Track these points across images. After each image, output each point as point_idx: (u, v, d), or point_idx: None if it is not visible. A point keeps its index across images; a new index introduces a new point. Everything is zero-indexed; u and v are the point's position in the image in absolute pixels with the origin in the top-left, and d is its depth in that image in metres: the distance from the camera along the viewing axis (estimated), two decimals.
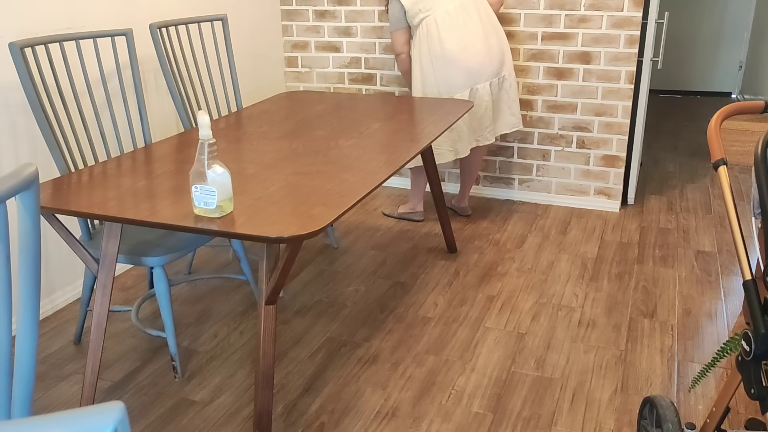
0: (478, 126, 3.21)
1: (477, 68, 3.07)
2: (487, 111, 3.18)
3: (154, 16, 3.01)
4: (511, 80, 3.23)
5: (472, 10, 3.07)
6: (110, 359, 2.37)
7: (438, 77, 3.09)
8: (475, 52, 3.06)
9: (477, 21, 3.07)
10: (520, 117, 3.34)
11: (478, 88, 3.12)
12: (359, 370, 2.28)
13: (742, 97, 6.41)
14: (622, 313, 2.62)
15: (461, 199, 3.60)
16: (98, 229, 2.29)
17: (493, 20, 3.14)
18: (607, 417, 2.04)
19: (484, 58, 3.07)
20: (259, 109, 2.80)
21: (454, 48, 3.03)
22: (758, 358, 1.39)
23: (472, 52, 3.05)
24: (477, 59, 3.06)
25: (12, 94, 2.40)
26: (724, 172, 1.52)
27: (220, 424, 2.02)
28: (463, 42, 3.04)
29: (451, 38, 3.03)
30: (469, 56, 3.05)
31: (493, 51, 3.10)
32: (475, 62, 3.06)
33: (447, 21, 3.03)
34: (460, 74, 3.07)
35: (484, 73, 3.10)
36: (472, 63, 3.06)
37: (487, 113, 3.18)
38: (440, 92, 3.12)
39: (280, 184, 1.88)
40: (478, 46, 3.06)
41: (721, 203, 3.77)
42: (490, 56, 3.09)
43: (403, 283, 2.88)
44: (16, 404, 0.96)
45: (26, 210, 0.89)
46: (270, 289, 1.76)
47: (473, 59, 3.06)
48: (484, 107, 3.16)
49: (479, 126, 3.21)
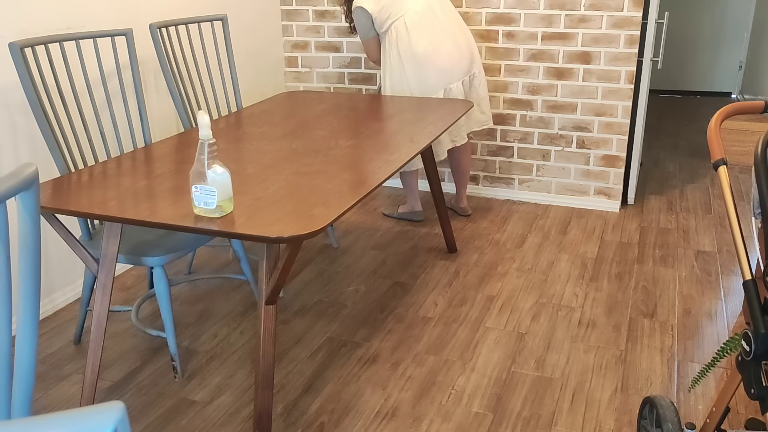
0: (454, 127, 3.23)
1: (449, 68, 3.10)
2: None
3: (154, 16, 3.01)
4: (480, 78, 3.26)
5: (438, 11, 3.09)
6: (110, 359, 2.37)
7: (411, 79, 3.11)
8: (446, 52, 3.08)
9: (444, 21, 3.09)
10: (490, 114, 3.37)
11: (452, 88, 3.13)
12: (359, 370, 2.28)
13: (742, 97, 6.41)
14: (622, 313, 2.62)
15: (459, 200, 3.61)
16: (98, 229, 2.29)
17: (458, 20, 3.17)
18: (607, 417, 2.04)
19: (454, 57, 3.10)
20: (259, 109, 2.80)
21: (426, 49, 3.05)
22: (758, 358, 1.39)
23: (443, 53, 3.08)
24: (448, 59, 3.09)
25: (12, 94, 2.40)
26: (724, 172, 1.52)
27: (220, 424, 2.02)
28: (434, 43, 3.06)
29: (422, 40, 3.05)
30: (441, 57, 3.07)
31: (462, 50, 3.13)
32: (446, 62, 3.08)
33: (416, 23, 3.05)
34: (434, 75, 3.09)
35: (456, 73, 3.12)
36: (444, 63, 3.08)
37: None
38: (413, 93, 3.14)
39: (280, 184, 1.88)
40: (448, 46, 3.08)
41: (721, 203, 3.77)
42: (460, 55, 3.12)
43: (403, 283, 2.88)
44: (16, 404, 0.96)
45: (26, 210, 0.89)
46: (270, 289, 1.77)
47: (445, 59, 3.08)
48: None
49: (455, 127, 3.24)
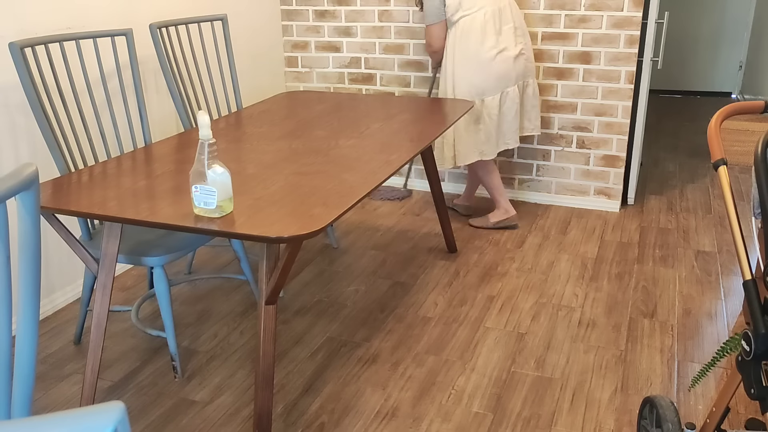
0: (507, 129, 3.21)
1: (508, 72, 3.09)
2: (516, 115, 3.19)
3: (154, 16, 3.01)
4: (534, 86, 3.26)
5: (508, 14, 3.08)
6: (110, 359, 2.37)
7: (472, 79, 3.08)
8: (509, 56, 3.07)
9: (511, 25, 3.08)
10: (538, 123, 3.35)
11: (509, 92, 3.13)
12: (359, 370, 2.28)
13: (742, 97, 6.41)
14: (622, 313, 2.62)
15: (467, 199, 3.60)
16: (98, 229, 2.29)
17: (523, 25, 3.16)
18: (607, 417, 2.04)
19: (515, 62, 3.09)
20: (259, 109, 2.80)
21: (491, 51, 3.04)
22: (758, 358, 1.39)
23: (506, 57, 3.07)
24: (509, 64, 3.08)
25: (12, 94, 2.40)
26: (724, 172, 1.52)
27: (220, 424, 2.02)
28: (500, 45, 3.05)
29: (489, 41, 3.03)
30: (504, 60, 3.06)
31: (521, 57, 3.13)
32: (507, 66, 3.08)
33: (486, 22, 3.02)
34: (493, 77, 3.08)
35: (512, 77, 3.12)
36: (505, 67, 3.07)
37: (516, 117, 3.20)
38: (471, 94, 3.11)
39: (280, 184, 1.88)
40: (511, 50, 3.08)
41: (721, 203, 3.77)
42: (518, 61, 3.11)
43: (403, 283, 2.88)
44: (16, 404, 0.96)
45: (26, 210, 0.89)
46: (270, 289, 1.77)
47: (507, 64, 3.07)
48: (514, 111, 3.17)
49: (508, 129, 3.21)
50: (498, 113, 3.16)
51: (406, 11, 3.73)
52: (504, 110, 3.17)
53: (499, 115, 3.17)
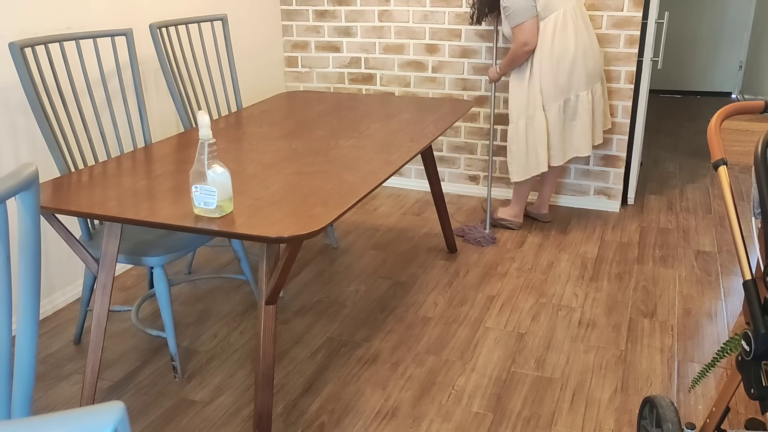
0: (574, 135, 3.12)
1: (584, 74, 3.01)
2: (589, 120, 3.09)
3: (154, 16, 3.01)
4: (604, 89, 3.18)
5: (580, 14, 3.01)
6: (110, 359, 2.37)
7: (544, 79, 3.00)
8: (587, 58, 3.00)
9: (583, 26, 3.00)
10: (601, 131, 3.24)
11: (580, 96, 3.04)
12: (359, 370, 2.28)
13: (742, 97, 6.41)
14: (622, 313, 2.62)
15: (541, 206, 3.48)
16: (98, 229, 2.29)
17: (590, 24, 3.08)
18: (607, 417, 2.04)
19: (591, 64, 3.01)
20: (259, 109, 2.80)
21: (570, 51, 2.96)
22: (758, 358, 1.39)
23: (582, 58, 2.98)
24: (586, 66, 3.00)
25: (12, 94, 2.40)
26: (724, 172, 1.52)
27: (220, 424, 2.02)
28: (580, 46, 2.97)
29: (570, 39, 2.95)
30: (581, 61, 2.98)
31: (597, 57, 3.05)
32: (584, 68, 3.00)
33: (568, 21, 2.95)
34: (568, 79, 2.99)
35: (583, 82, 3.02)
36: (582, 69, 2.99)
37: (588, 122, 3.09)
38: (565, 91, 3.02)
39: (280, 184, 1.88)
40: (589, 51, 3.00)
41: (721, 203, 3.77)
42: (594, 63, 3.04)
43: (403, 283, 2.88)
44: (16, 404, 0.96)
45: (26, 210, 0.89)
46: (270, 289, 1.77)
47: (584, 66, 2.99)
48: (588, 116, 3.07)
49: (582, 135, 3.11)
50: (563, 119, 3.07)
51: (406, 11, 3.73)
52: (570, 115, 3.07)
53: (565, 121, 3.08)
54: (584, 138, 3.12)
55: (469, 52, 3.68)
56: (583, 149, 3.13)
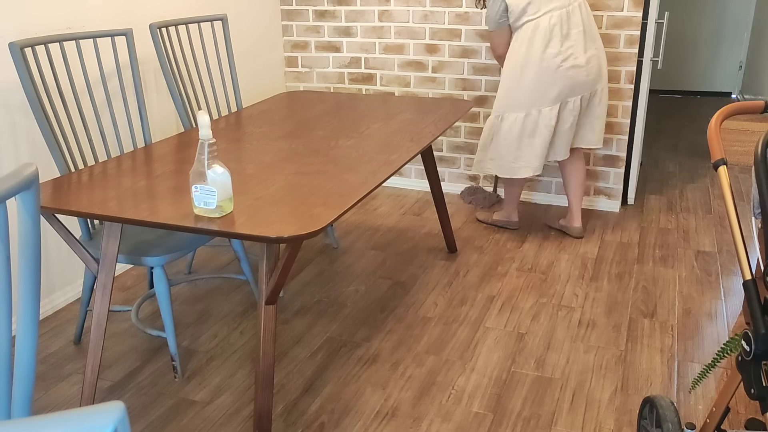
0: (558, 142, 3.02)
1: (572, 82, 2.90)
2: (572, 127, 3.00)
3: (154, 16, 3.01)
4: (602, 95, 3.03)
5: (577, 18, 2.87)
6: (110, 359, 2.37)
7: (528, 86, 2.90)
8: (575, 64, 2.88)
9: (581, 30, 2.88)
10: (601, 136, 3.12)
11: (569, 102, 2.94)
12: (359, 370, 2.28)
13: (742, 97, 6.41)
14: (622, 313, 2.62)
15: (572, 219, 3.29)
16: (98, 229, 2.29)
17: (593, 30, 2.95)
18: (607, 417, 2.04)
19: (581, 71, 2.90)
20: (259, 109, 2.80)
21: (555, 58, 2.86)
22: (758, 358, 1.40)
23: (571, 65, 2.87)
24: (576, 72, 2.89)
25: (12, 94, 2.40)
26: (724, 172, 1.52)
27: (220, 424, 2.02)
28: (565, 52, 2.86)
29: (554, 47, 2.85)
30: (568, 69, 2.87)
31: (591, 64, 2.91)
32: (571, 75, 2.88)
33: (552, 26, 2.84)
34: (556, 86, 2.89)
35: (577, 88, 2.92)
36: (569, 76, 2.88)
37: (571, 129, 3.01)
38: (526, 105, 2.93)
39: (280, 184, 1.88)
40: (578, 58, 2.88)
41: (721, 203, 3.77)
42: (588, 69, 2.91)
43: (403, 283, 2.88)
44: (16, 404, 0.96)
45: (26, 210, 0.89)
46: (270, 289, 1.77)
47: (571, 72, 2.88)
48: (569, 123, 2.98)
49: (559, 142, 3.02)
50: (555, 125, 2.96)
51: (406, 11, 3.73)
52: (560, 122, 2.97)
53: (556, 127, 2.98)
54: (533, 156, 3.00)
55: (469, 52, 3.68)
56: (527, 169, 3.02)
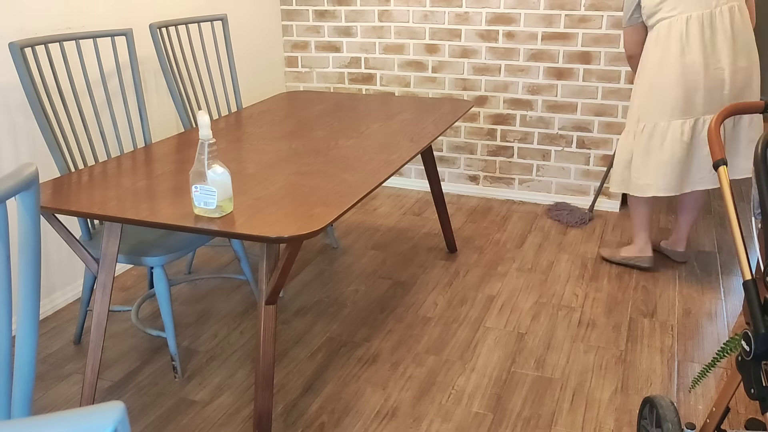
0: (699, 166, 2.63)
1: (710, 96, 2.52)
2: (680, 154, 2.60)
3: (154, 16, 3.01)
4: (753, 116, 2.62)
5: (726, 21, 2.48)
6: (110, 359, 2.37)
7: (659, 95, 2.56)
8: (716, 76, 2.49)
9: (729, 36, 2.48)
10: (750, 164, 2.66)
11: (706, 120, 2.55)
12: (359, 370, 2.28)
13: None
14: (622, 313, 2.62)
15: (677, 242, 2.99)
16: (98, 229, 2.29)
17: (747, 36, 2.52)
18: (607, 417, 2.04)
19: (723, 84, 2.51)
20: (259, 109, 2.80)
21: (694, 66, 2.49)
22: (758, 358, 1.40)
23: (712, 76, 2.49)
24: (715, 85, 2.50)
25: (12, 94, 2.40)
26: (724, 172, 1.52)
27: (220, 424, 2.02)
28: (708, 60, 2.48)
29: (693, 52, 2.47)
30: (708, 80, 2.49)
31: (738, 75, 2.51)
32: (712, 87, 2.50)
33: (692, 29, 2.47)
34: (687, 99, 2.52)
35: (715, 104, 2.53)
36: (708, 88, 2.50)
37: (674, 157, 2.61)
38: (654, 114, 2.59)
39: (280, 184, 1.88)
40: (723, 69, 2.49)
41: (721, 203, 3.77)
42: (732, 81, 2.51)
43: (403, 283, 2.88)
44: (16, 404, 0.96)
45: (26, 210, 0.89)
46: (270, 289, 1.77)
47: (712, 84, 2.50)
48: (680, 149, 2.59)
49: (701, 167, 2.63)
50: (689, 143, 2.58)
51: (406, 11, 3.73)
52: (698, 141, 2.58)
53: (690, 146, 2.59)
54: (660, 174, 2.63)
55: (469, 52, 3.68)
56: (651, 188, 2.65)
